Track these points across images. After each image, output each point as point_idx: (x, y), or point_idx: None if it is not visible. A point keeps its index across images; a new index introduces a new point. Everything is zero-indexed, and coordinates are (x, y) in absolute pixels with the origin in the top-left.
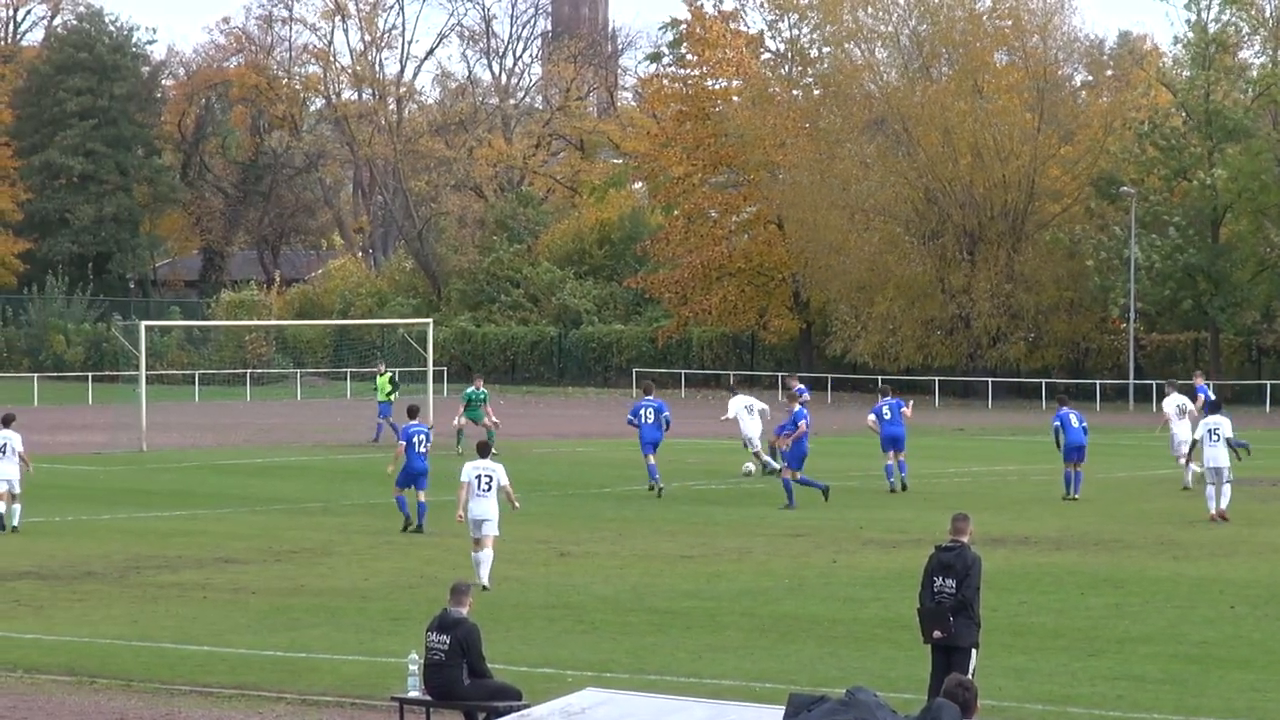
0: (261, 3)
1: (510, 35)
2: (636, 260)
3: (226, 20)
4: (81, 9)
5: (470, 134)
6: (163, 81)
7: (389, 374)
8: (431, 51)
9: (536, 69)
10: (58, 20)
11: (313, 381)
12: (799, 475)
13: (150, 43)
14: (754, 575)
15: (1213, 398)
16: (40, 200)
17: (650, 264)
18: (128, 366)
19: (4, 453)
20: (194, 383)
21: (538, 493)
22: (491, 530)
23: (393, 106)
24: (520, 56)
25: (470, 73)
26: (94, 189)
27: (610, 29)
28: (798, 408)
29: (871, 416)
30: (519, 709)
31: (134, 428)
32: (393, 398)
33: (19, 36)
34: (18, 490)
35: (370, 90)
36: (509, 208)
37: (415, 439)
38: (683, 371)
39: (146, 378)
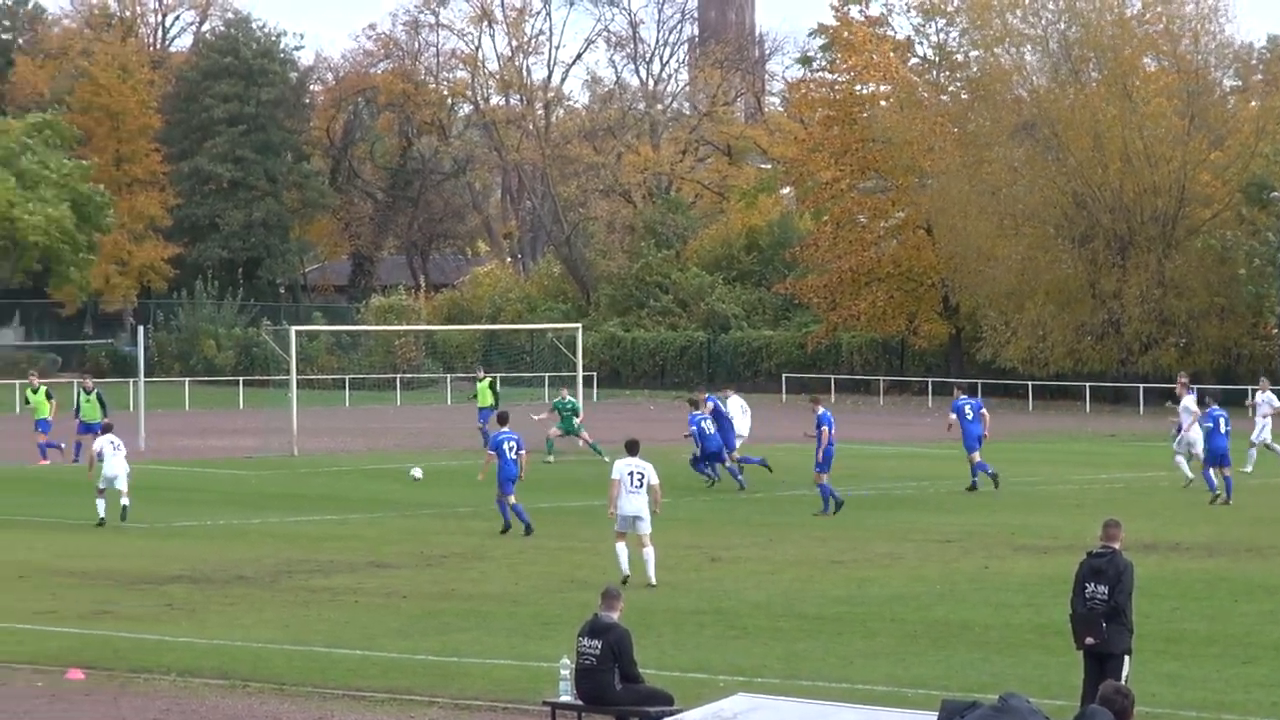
0: (408, 9)
1: (657, 40)
2: (785, 265)
3: (374, 26)
4: (229, 15)
5: (618, 139)
6: (311, 87)
7: (489, 379)
8: (579, 57)
9: (683, 74)
10: (206, 26)
11: (462, 386)
12: (823, 479)
13: (298, 49)
14: (905, 581)
15: None
16: (190, 206)
17: (799, 269)
18: (278, 371)
19: (115, 448)
20: (344, 387)
21: (688, 498)
22: (645, 528)
23: (540, 112)
24: (667, 62)
25: (618, 78)
26: (243, 195)
27: (757, 34)
28: (821, 410)
29: (953, 415)
30: (670, 714)
31: (285, 432)
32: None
33: (168, 42)
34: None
35: (518, 95)
36: (657, 213)
37: (506, 445)
38: (832, 377)
39: (297, 382)
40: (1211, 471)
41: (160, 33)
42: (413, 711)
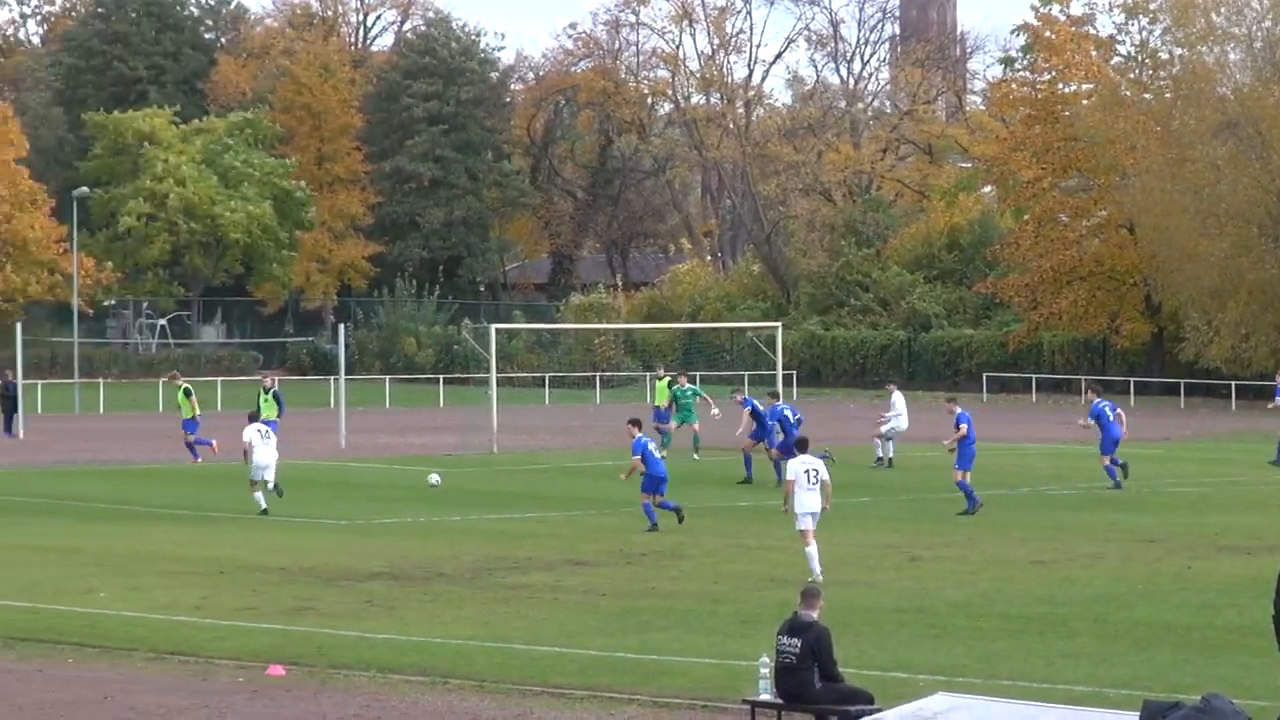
0: (609, 8)
1: (858, 39)
2: (986, 264)
3: (574, 26)
4: (430, 14)
5: (819, 138)
6: (512, 86)
7: (668, 378)
8: (779, 55)
9: (884, 73)
10: (407, 26)
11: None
12: (963, 477)
13: (499, 49)
14: (1107, 581)
15: None
16: (390, 204)
17: (1000, 268)
18: (478, 369)
19: (266, 438)
20: (544, 385)
21: (886, 496)
22: (814, 524)
23: (741, 110)
24: (868, 61)
25: (818, 77)
26: (444, 193)
27: (958, 32)
28: (959, 410)
29: (1092, 420)
30: (870, 713)
31: (485, 430)
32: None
33: (369, 42)
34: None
35: (719, 94)
36: (858, 212)
37: (650, 446)
38: (1033, 376)
39: (497, 380)
40: None
41: (361, 32)
42: (612, 709)
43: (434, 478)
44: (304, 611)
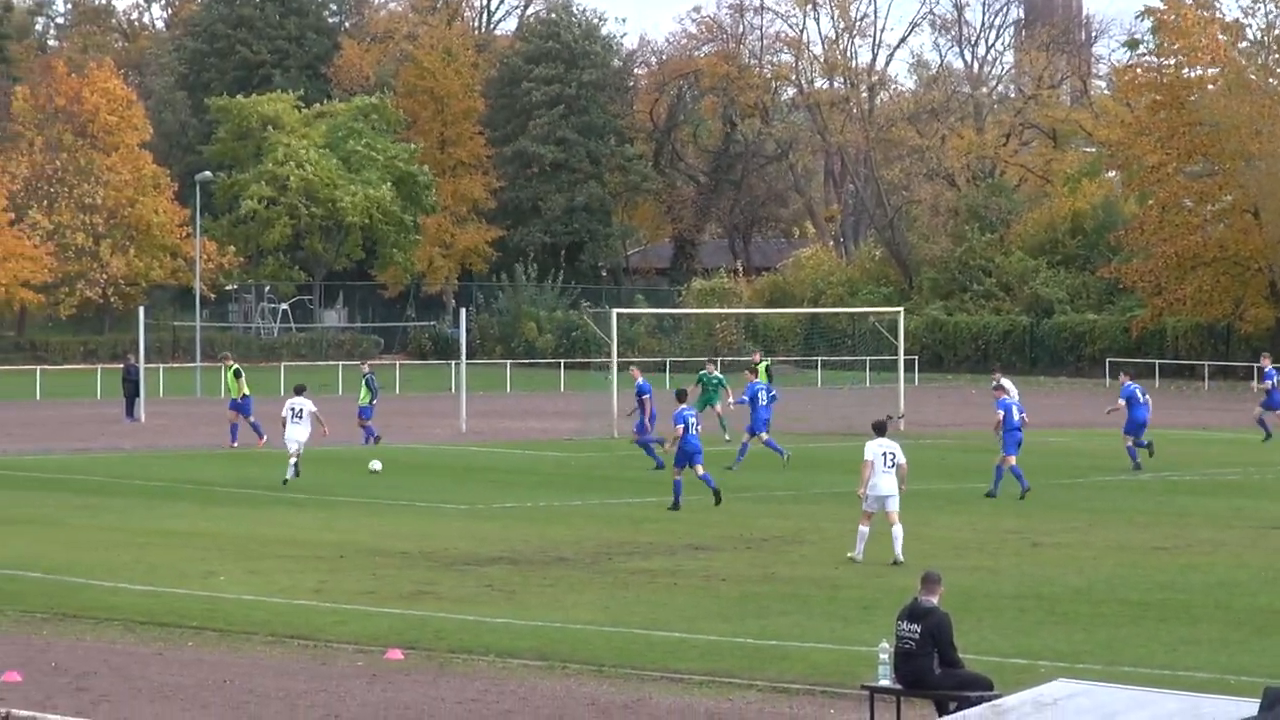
0: None
1: (982, 23)
2: (1109, 249)
3: (698, 10)
4: None
5: (942, 123)
6: (635, 71)
7: (765, 363)
8: (904, 40)
9: (1009, 57)
10: (530, 10)
11: (784, 370)
12: (1012, 462)
13: (622, 34)
14: (1229, 568)
15: None
16: (513, 189)
17: (1123, 253)
18: (599, 354)
19: (298, 417)
20: (665, 370)
21: (1008, 483)
22: (894, 505)
23: (865, 94)
24: (992, 45)
25: (942, 61)
26: (566, 178)
27: (1083, 16)
28: (1001, 396)
29: (1123, 400)
30: (990, 699)
31: (605, 414)
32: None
33: (492, 26)
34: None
35: (842, 78)
36: (981, 197)
37: (691, 420)
38: (1156, 361)
39: (618, 365)
40: None
41: (485, 16)
42: (731, 694)
43: (375, 464)
44: (423, 596)
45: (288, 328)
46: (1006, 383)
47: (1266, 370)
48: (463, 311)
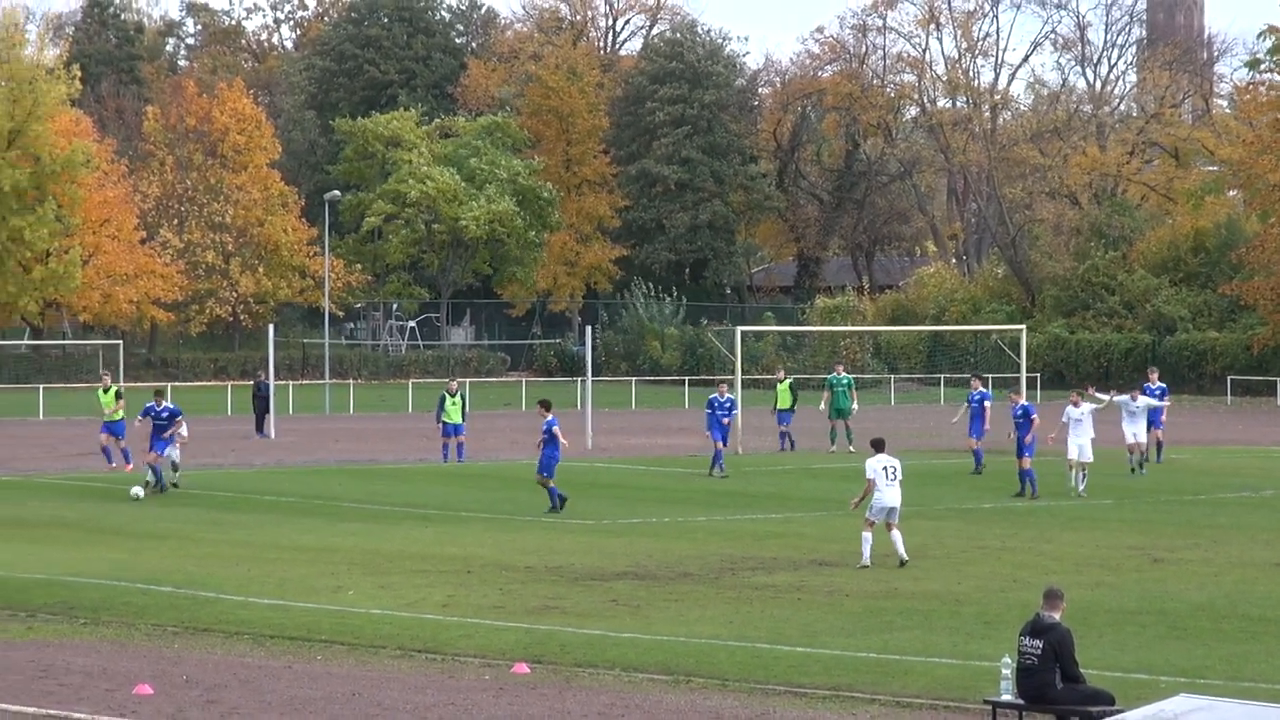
0: (855, 12)
1: (1104, 43)
2: (1232, 268)
3: (821, 30)
4: (677, 19)
5: (1064, 141)
6: (759, 90)
7: (789, 381)
8: (1026, 59)
9: (1131, 76)
10: (654, 31)
11: (907, 387)
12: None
13: (745, 54)
14: None
15: None
16: (637, 208)
17: (1245, 271)
18: (722, 371)
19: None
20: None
21: (1130, 500)
22: (897, 516)
23: (987, 114)
24: (1115, 64)
25: (1064, 80)
26: (690, 197)
27: (1205, 35)
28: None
29: (1144, 399)
30: (1112, 714)
31: (729, 431)
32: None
33: (617, 46)
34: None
35: (964, 98)
36: (1104, 215)
37: (556, 429)
38: (1278, 379)
39: (741, 382)
40: None
41: (610, 37)
42: (854, 709)
43: (136, 490)
44: (549, 610)
45: (415, 345)
46: (1086, 405)
47: None
48: (588, 329)
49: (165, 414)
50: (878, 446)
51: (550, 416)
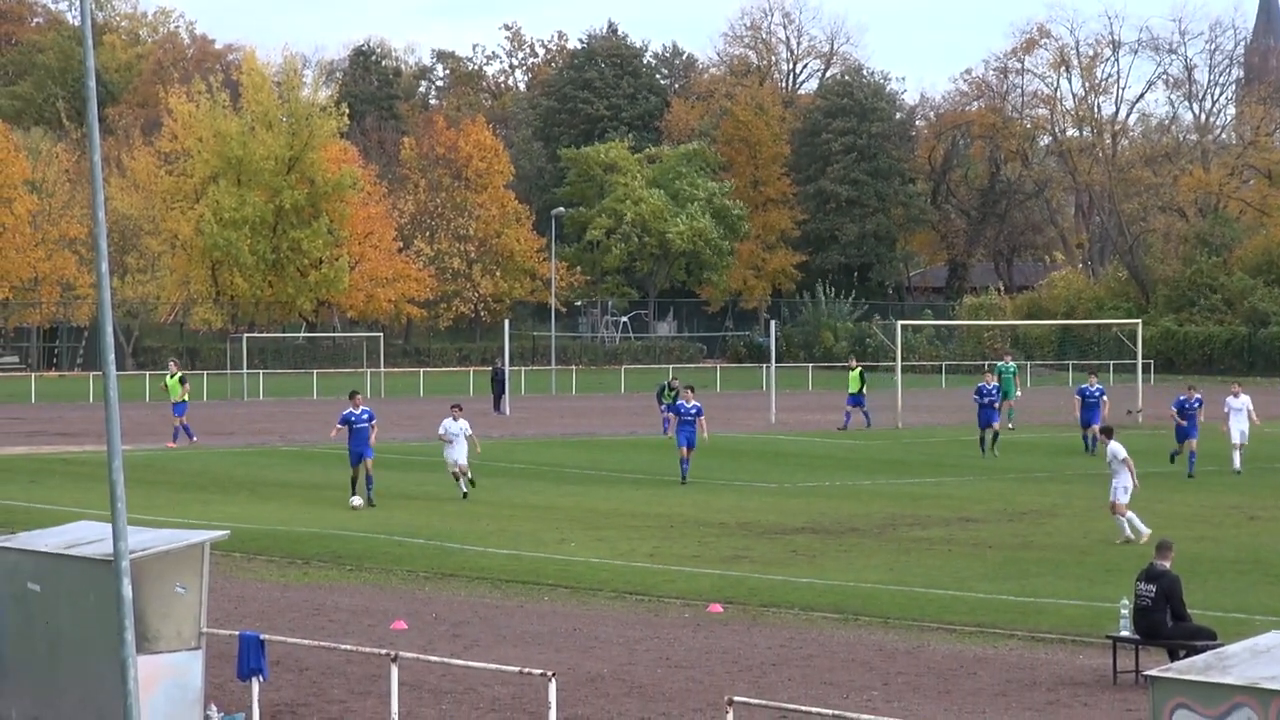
0: (998, 56)
1: (1208, 81)
2: None
3: (969, 71)
4: (848, 63)
5: (1174, 164)
6: (916, 122)
7: (859, 368)
8: (1142, 95)
9: (1230, 110)
10: (829, 73)
11: (1040, 372)
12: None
13: (903, 91)
14: None
15: None
16: (814, 221)
17: None
18: (886, 358)
19: (454, 437)
20: (941, 372)
21: (1229, 466)
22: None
23: (1108, 142)
24: (1218, 99)
25: (1174, 113)
26: (857, 211)
27: None
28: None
29: (1174, 409)
30: (1214, 647)
31: (891, 409)
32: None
33: (797, 86)
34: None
35: (1089, 128)
36: (1208, 226)
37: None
38: None
39: (901, 368)
40: None
41: (791, 79)
42: (995, 643)
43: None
44: (739, 559)
45: (627, 336)
46: (1245, 396)
47: None
48: (772, 323)
49: (366, 416)
50: (1110, 434)
51: (696, 402)
